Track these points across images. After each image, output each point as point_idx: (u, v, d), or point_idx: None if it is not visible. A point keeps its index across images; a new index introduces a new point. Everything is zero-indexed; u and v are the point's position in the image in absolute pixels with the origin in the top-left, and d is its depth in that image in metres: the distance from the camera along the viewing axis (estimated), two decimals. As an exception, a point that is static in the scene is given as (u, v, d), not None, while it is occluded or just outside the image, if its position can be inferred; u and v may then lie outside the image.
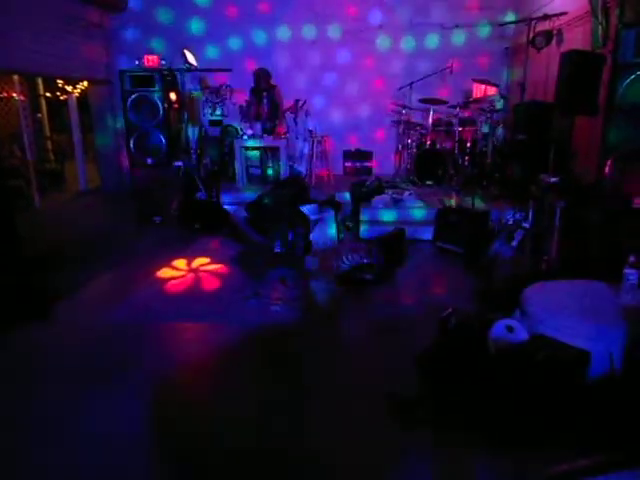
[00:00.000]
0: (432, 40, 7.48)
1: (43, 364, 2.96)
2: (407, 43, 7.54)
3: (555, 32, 5.72)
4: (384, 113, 7.69)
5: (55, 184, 8.47)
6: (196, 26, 7.49)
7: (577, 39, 5.23)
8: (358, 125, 7.83)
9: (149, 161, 6.00)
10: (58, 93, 10.47)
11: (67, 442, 2.25)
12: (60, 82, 9.29)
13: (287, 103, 7.10)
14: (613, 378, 2.36)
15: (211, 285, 4.14)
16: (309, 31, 7.54)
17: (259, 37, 7.55)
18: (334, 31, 7.52)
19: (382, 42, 7.56)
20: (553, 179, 4.02)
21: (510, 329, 2.57)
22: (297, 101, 7.08)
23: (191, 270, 4.44)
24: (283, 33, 7.54)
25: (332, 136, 7.25)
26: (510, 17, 7.09)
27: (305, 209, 4.26)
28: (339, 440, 2.25)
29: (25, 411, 2.50)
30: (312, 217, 4.34)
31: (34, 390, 2.69)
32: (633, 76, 3.20)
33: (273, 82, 6.89)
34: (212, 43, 7.52)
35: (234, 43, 7.56)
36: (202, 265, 4.55)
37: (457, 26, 7.25)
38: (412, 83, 6.89)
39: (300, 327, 3.42)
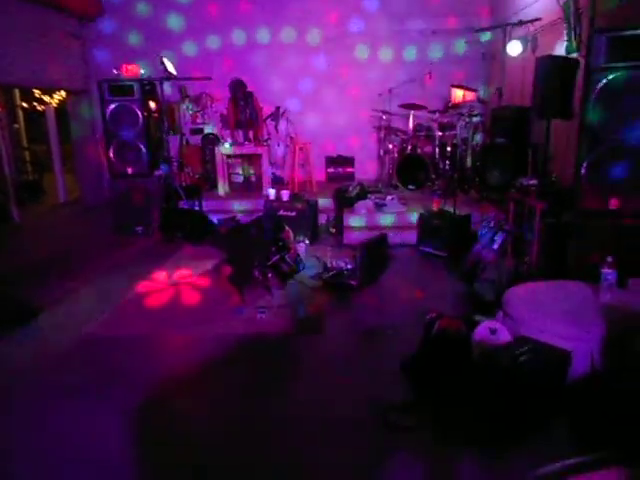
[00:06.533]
0: (411, 46, 7.57)
1: (22, 378, 2.89)
2: (386, 49, 7.62)
3: (530, 38, 5.83)
4: (365, 119, 7.74)
5: (34, 196, 8.31)
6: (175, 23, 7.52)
7: (551, 44, 5.33)
8: (339, 131, 7.86)
9: (129, 171, 5.94)
10: (35, 103, 10.32)
11: (51, 456, 2.21)
12: (37, 92, 9.17)
13: (267, 109, 7.11)
14: (594, 377, 2.40)
15: (194, 296, 4.09)
16: (289, 36, 7.59)
17: (239, 38, 7.58)
18: (313, 37, 7.57)
19: (361, 49, 7.63)
20: (532, 182, 4.08)
21: (493, 331, 2.60)
22: (278, 108, 7.09)
23: (173, 282, 4.39)
24: (263, 35, 7.58)
25: (314, 142, 7.26)
26: (486, 23, 7.21)
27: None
28: (324, 445, 2.24)
29: (6, 426, 2.44)
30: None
31: (15, 405, 2.62)
32: (605, 80, 3.27)
33: (249, 90, 6.88)
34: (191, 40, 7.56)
35: (213, 42, 7.57)
36: (184, 277, 4.50)
37: (434, 32, 7.35)
38: (392, 89, 6.96)
39: (286, 334, 3.40)
